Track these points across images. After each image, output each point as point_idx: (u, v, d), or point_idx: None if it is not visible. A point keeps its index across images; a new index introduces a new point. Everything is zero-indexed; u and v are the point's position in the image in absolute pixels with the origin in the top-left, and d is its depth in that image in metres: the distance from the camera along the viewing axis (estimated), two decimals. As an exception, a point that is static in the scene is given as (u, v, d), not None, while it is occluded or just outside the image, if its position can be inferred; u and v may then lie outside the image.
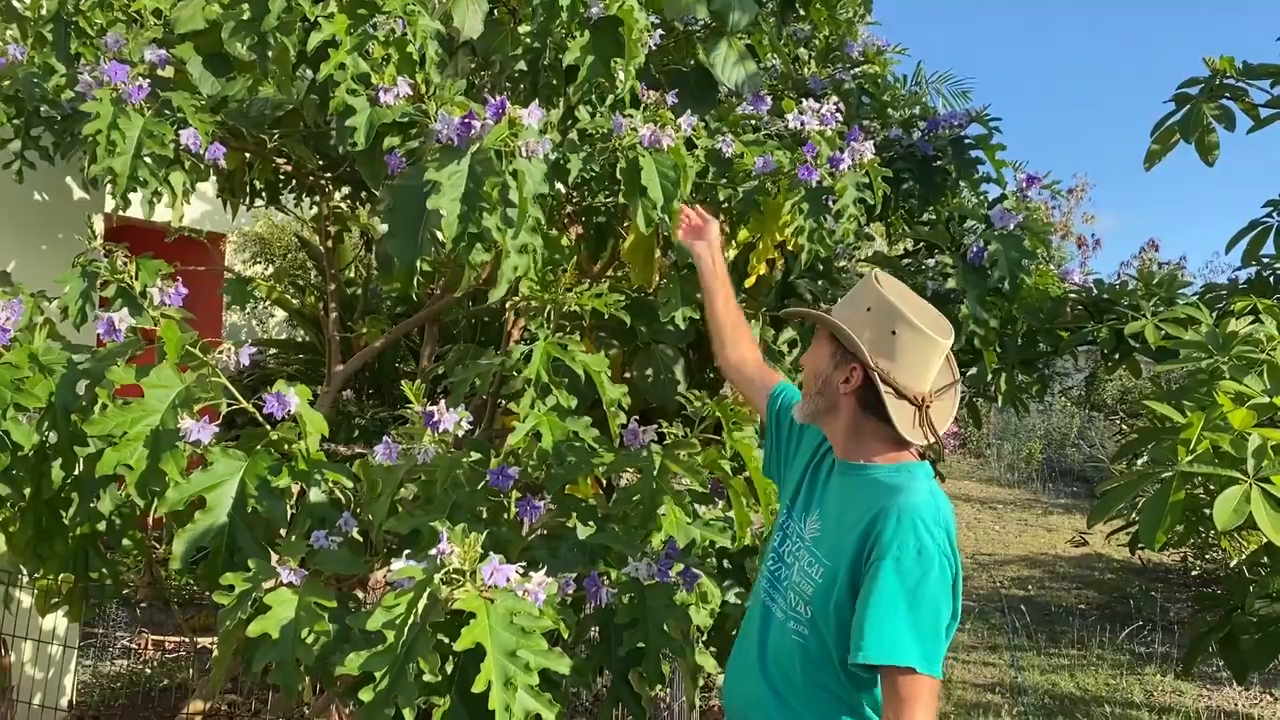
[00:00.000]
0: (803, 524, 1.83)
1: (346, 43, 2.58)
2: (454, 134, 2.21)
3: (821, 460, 1.88)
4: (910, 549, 1.58)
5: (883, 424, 1.70)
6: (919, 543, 1.58)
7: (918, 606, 1.55)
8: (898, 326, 1.68)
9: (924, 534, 1.59)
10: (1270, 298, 3.49)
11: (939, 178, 3.86)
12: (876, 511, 1.63)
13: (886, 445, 1.73)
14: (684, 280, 3.09)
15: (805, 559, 1.77)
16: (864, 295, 1.75)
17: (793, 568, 1.79)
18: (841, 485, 1.77)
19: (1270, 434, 2.33)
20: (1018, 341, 3.52)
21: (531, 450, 2.40)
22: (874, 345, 1.69)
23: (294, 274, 6.29)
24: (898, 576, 1.57)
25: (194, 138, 2.72)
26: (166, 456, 2.12)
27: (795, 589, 1.76)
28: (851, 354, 1.71)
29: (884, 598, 1.56)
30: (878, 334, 1.69)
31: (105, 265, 2.50)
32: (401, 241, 2.29)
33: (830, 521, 1.76)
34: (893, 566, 1.57)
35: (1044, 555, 8.99)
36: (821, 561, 1.72)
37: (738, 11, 3.31)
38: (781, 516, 1.93)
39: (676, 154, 2.64)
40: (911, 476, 1.69)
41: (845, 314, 1.75)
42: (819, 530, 1.78)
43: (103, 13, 2.96)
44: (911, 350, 1.68)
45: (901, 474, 1.70)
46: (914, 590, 1.56)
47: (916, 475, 1.70)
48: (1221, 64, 3.89)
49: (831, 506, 1.78)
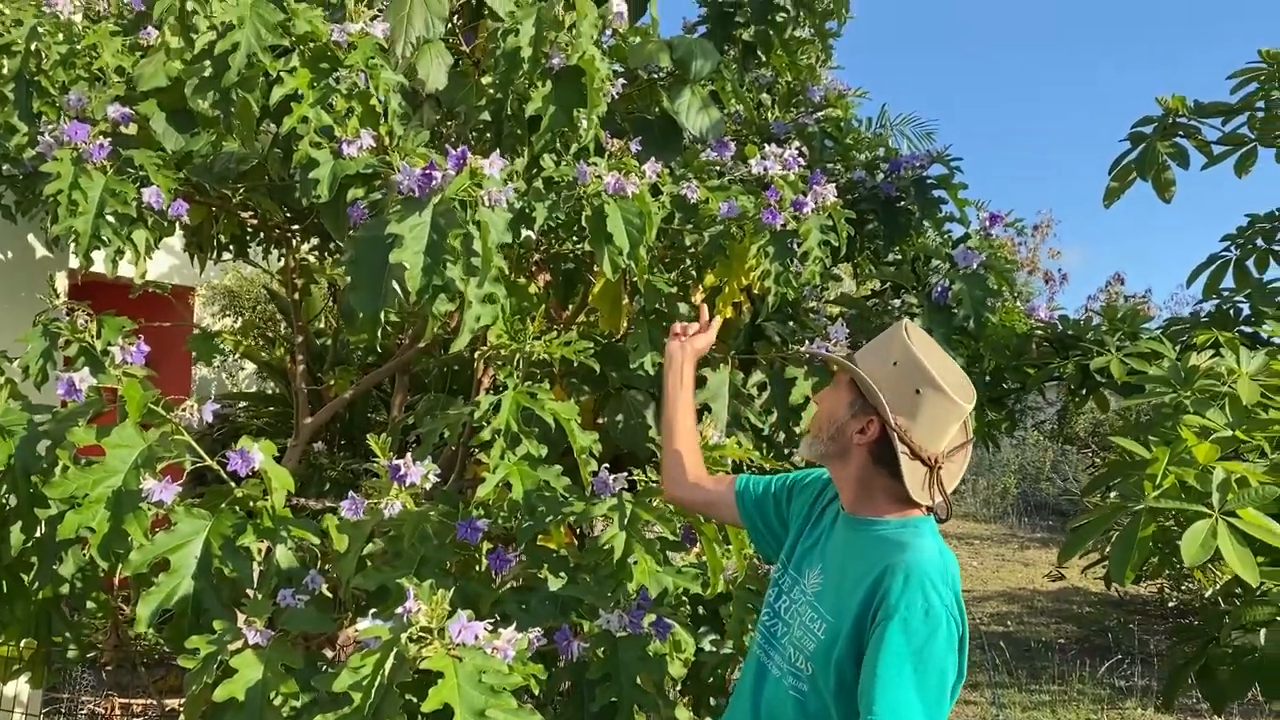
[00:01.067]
0: (804, 578, 1.79)
1: (309, 96, 2.59)
2: (415, 185, 2.21)
3: (822, 513, 1.85)
4: (918, 609, 1.54)
5: (893, 480, 1.68)
6: (926, 603, 1.55)
7: (924, 668, 1.52)
8: (922, 386, 1.65)
9: (932, 594, 1.55)
10: (1231, 330, 3.54)
11: (903, 218, 3.90)
12: (883, 569, 1.59)
13: (894, 500, 1.70)
14: (652, 325, 3.10)
15: (807, 614, 1.73)
16: (892, 348, 1.71)
17: (792, 624, 1.75)
18: (846, 539, 1.74)
19: (1233, 467, 2.35)
20: (985, 379, 3.55)
21: (502, 500, 2.38)
22: (896, 402, 1.65)
23: (263, 326, 6.26)
24: (905, 637, 1.53)
25: (157, 195, 2.71)
26: (129, 518, 2.09)
27: (796, 644, 1.72)
28: (872, 406, 1.68)
29: (891, 659, 1.52)
30: (901, 391, 1.65)
31: (67, 325, 2.47)
32: (365, 294, 2.28)
33: (833, 575, 1.72)
34: (900, 627, 1.53)
35: (1022, 590, 8.99)
36: (824, 617, 1.68)
37: (700, 60, 3.36)
38: (778, 573, 1.88)
39: (641, 201, 2.66)
40: (918, 533, 1.66)
41: (870, 365, 1.71)
42: (821, 584, 1.74)
43: (65, 71, 2.96)
44: (933, 412, 1.65)
45: (908, 530, 1.67)
46: (920, 651, 1.52)
47: (924, 532, 1.67)
48: (1174, 103, 3.98)
49: (834, 559, 1.74)
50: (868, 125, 5.03)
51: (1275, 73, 3.70)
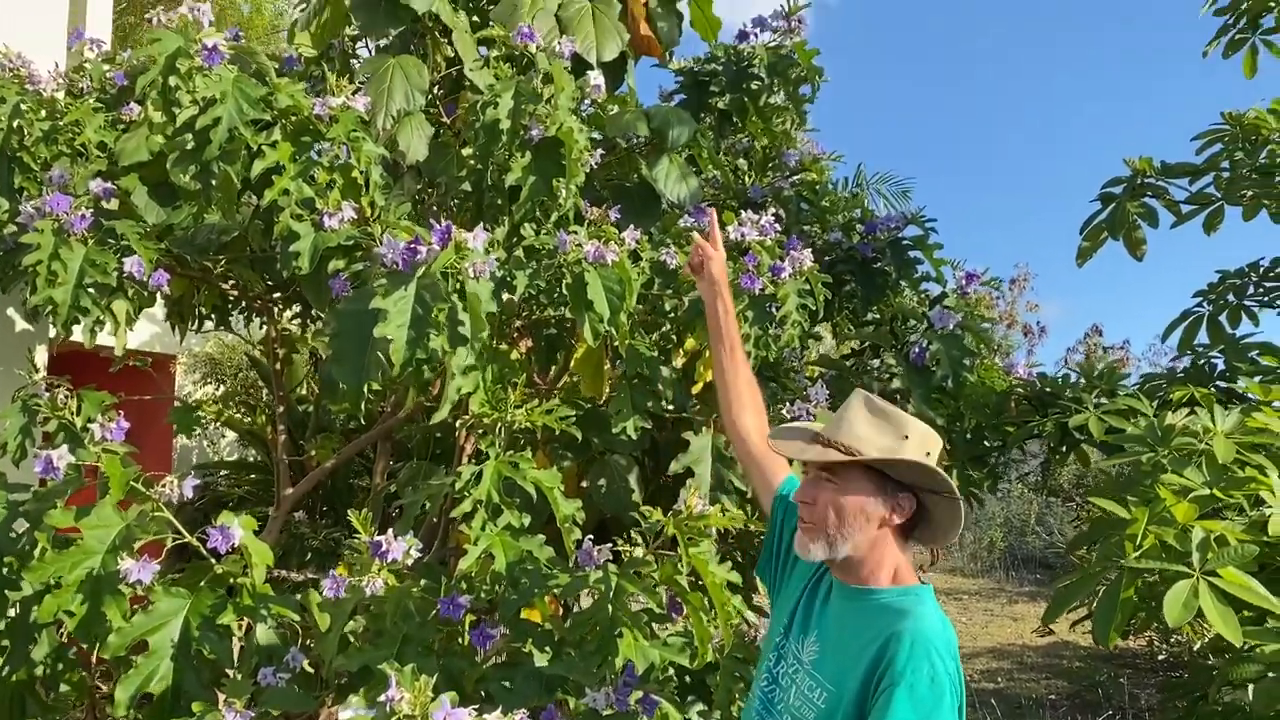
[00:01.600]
0: (799, 646, 1.78)
1: (290, 169, 2.61)
2: (399, 259, 2.23)
3: (819, 581, 1.84)
4: (924, 676, 1.54)
5: (901, 549, 1.70)
6: (932, 670, 1.55)
7: None
8: (932, 449, 1.69)
9: (937, 661, 1.56)
10: (1208, 386, 3.58)
11: (880, 278, 3.95)
12: (889, 635, 1.59)
13: (893, 568, 1.71)
14: (634, 390, 3.11)
15: (805, 682, 1.72)
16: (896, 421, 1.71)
17: (789, 690, 1.75)
18: (843, 609, 1.73)
19: (1212, 526, 2.36)
20: (966, 437, 3.56)
21: (485, 573, 2.37)
22: (924, 476, 1.68)
23: (245, 394, 6.23)
24: (911, 704, 1.53)
25: (138, 265, 2.72)
26: (108, 600, 2.07)
27: (793, 712, 1.71)
28: (906, 485, 1.69)
29: None
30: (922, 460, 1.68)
31: (46, 401, 2.46)
32: (348, 367, 2.29)
33: (830, 644, 1.72)
34: (906, 694, 1.53)
35: (1012, 645, 8.93)
36: (824, 685, 1.68)
37: (677, 128, 3.42)
38: (777, 636, 1.87)
39: (621, 268, 2.69)
40: (919, 601, 1.67)
41: (886, 443, 1.70)
42: (817, 653, 1.74)
43: (47, 147, 2.98)
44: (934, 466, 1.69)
45: (909, 597, 1.67)
46: (926, 718, 1.53)
47: (924, 599, 1.67)
48: (1141, 164, 4.06)
49: (831, 629, 1.74)
50: (844, 184, 5.11)
51: (1237, 134, 3.79)
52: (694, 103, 3.99)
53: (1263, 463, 2.58)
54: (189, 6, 2.55)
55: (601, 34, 3.43)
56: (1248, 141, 3.79)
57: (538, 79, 2.89)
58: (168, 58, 2.49)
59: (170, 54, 2.49)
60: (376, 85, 2.93)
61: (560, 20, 3.43)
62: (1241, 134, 3.82)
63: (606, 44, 3.43)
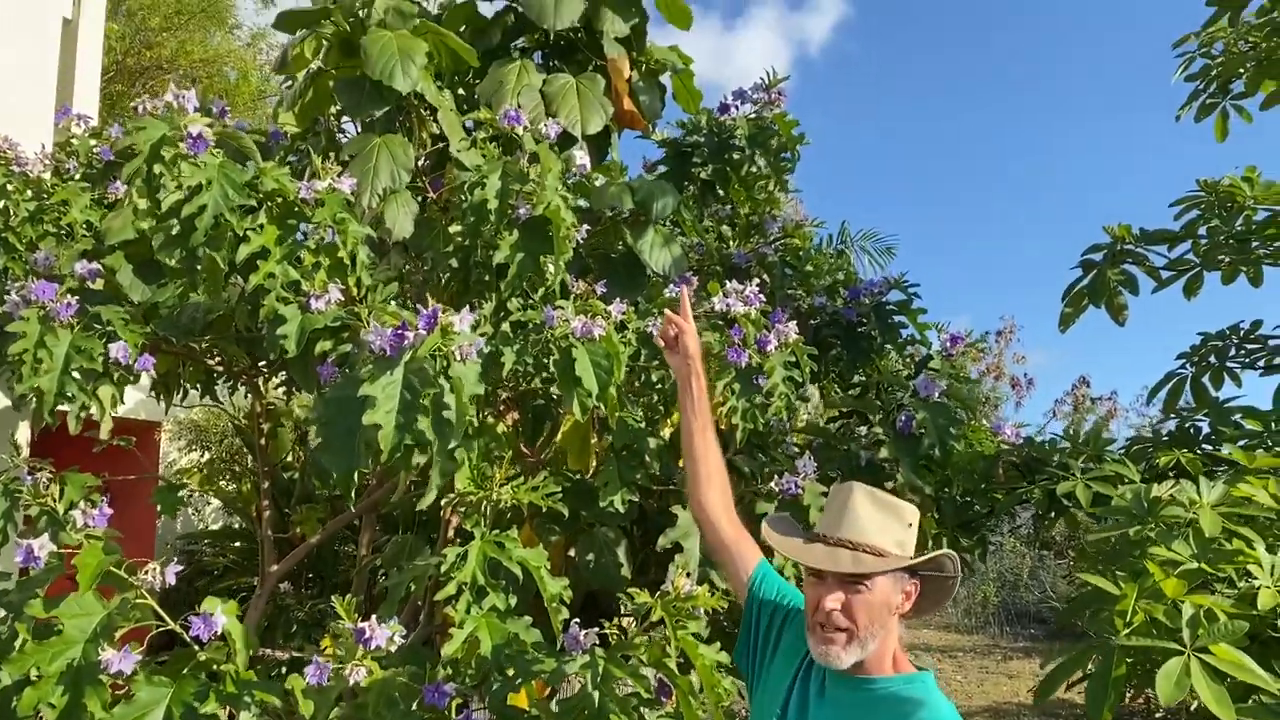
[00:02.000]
0: None
1: (276, 253, 2.61)
2: (387, 344, 2.22)
3: (807, 670, 1.81)
4: None
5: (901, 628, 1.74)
6: None
7: None
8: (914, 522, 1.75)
9: None
10: (1193, 449, 3.59)
11: (865, 342, 3.98)
12: None
13: (892, 654, 1.72)
14: (622, 463, 3.10)
15: None
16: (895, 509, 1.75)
17: None
18: (845, 700, 1.71)
19: (1202, 600, 2.36)
20: (955, 504, 3.56)
21: (471, 655, 2.34)
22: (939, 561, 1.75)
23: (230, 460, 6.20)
24: None
25: (123, 350, 2.71)
26: (89, 691, 2.04)
27: None
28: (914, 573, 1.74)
29: None
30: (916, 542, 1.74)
31: (29, 487, 2.44)
32: (337, 455, 2.27)
33: None
34: None
35: (1008, 704, 8.83)
36: None
37: (660, 201, 3.45)
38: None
39: (609, 343, 2.69)
40: (928, 688, 1.67)
41: (898, 535, 1.72)
42: None
43: (33, 227, 2.99)
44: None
45: (917, 685, 1.67)
46: None
47: (931, 687, 1.68)
48: (1120, 231, 4.13)
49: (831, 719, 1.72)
50: (829, 242, 5.15)
51: (1213, 201, 3.86)
52: (677, 173, 4.05)
53: (1249, 535, 2.58)
54: (174, 94, 2.57)
55: (586, 109, 3.49)
56: (1223, 208, 3.85)
57: (524, 159, 2.92)
58: (152, 146, 2.50)
59: (155, 142, 2.51)
60: (362, 165, 2.95)
61: (545, 96, 3.48)
62: (1217, 201, 3.88)
63: (591, 118, 3.48)
